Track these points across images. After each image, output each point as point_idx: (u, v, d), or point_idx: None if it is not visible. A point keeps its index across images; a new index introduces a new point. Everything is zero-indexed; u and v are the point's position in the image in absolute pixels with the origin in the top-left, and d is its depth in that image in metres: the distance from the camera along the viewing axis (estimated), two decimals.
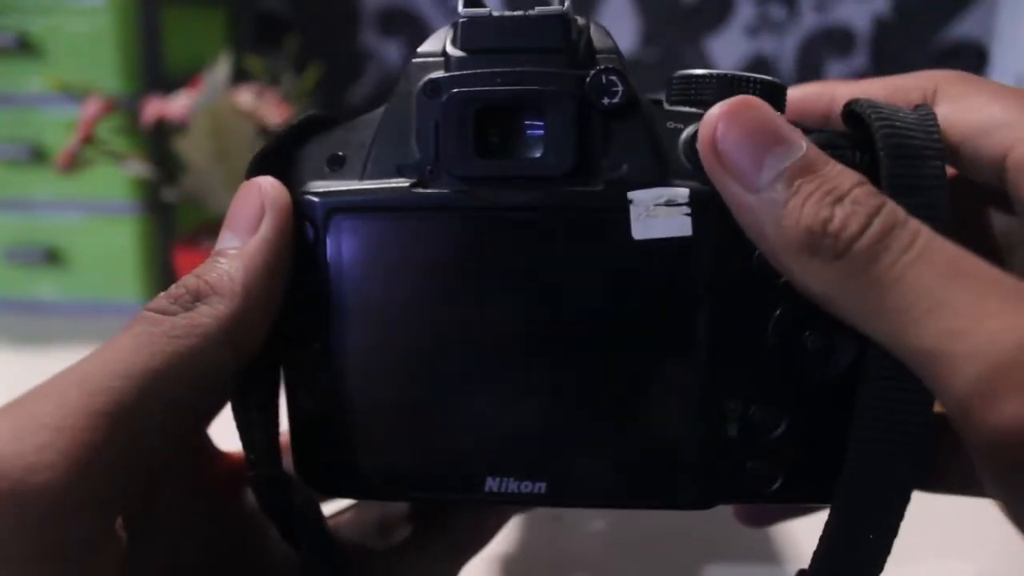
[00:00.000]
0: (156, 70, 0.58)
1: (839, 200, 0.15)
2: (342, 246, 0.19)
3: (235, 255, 0.18)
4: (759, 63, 0.76)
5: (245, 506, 0.21)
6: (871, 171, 0.17)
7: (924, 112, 0.19)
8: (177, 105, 0.49)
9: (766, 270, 0.18)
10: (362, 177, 0.20)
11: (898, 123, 0.18)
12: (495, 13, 0.19)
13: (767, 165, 0.16)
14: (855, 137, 0.19)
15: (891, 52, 0.75)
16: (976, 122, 0.18)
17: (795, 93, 0.21)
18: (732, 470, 0.20)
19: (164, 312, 0.17)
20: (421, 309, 0.19)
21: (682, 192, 0.18)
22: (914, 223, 0.15)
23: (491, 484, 0.20)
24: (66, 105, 0.55)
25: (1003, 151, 0.18)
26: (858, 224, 0.15)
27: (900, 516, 0.17)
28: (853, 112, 0.19)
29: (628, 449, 0.20)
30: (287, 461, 0.20)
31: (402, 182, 0.19)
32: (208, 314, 0.17)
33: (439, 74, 0.19)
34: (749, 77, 0.19)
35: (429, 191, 0.19)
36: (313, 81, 0.55)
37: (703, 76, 0.20)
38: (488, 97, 0.19)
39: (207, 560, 0.20)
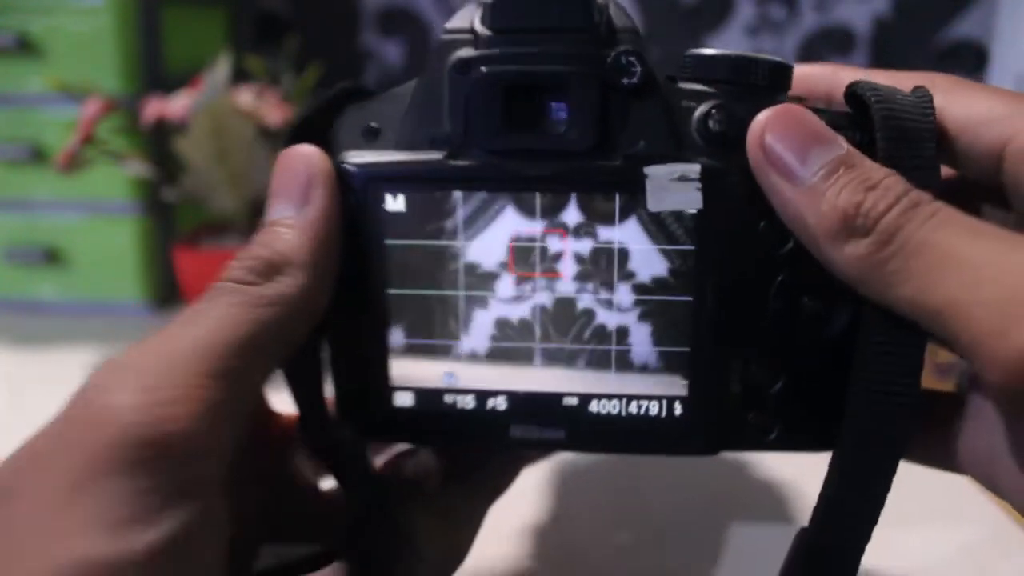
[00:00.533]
0: (156, 70, 0.58)
1: (872, 188, 0.17)
2: (384, 212, 0.21)
3: (298, 226, 0.20)
4: None
5: (295, 462, 0.24)
6: (870, 150, 0.19)
7: (921, 94, 0.20)
8: (177, 105, 0.49)
9: (770, 241, 0.20)
10: (397, 148, 0.21)
11: (895, 105, 0.19)
12: None
13: (810, 160, 0.18)
14: (856, 118, 0.20)
15: (891, 52, 0.75)
16: (974, 114, 0.19)
17: (802, 71, 0.23)
18: (735, 421, 0.22)
19: (244, 282, 0.19)
20: (454, 272, 0.21)
21: (694, 168, 0.20)
22: (938, 203, 0.17)
23: (515, 431, 0.22)
24: (66, 105, 0.55)
25: (1002, 141, 0.19)
26: (886, 203, 0.17)
27: (894, 465, 0.18)
28: (854, 93, 0.20)
29: (640, 401, 0.22)
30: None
31: (435, 154, 0.21)
32: (290, 285, 0.19)
33: (469, 52, 0.20)
34: (757, 58, 0.21)
35: (461, 163, 0.21)
36: (313, 81, 0.55)
37: (714, 56, 0.21)
38: (516, 76, 0.20)
39: (263, 512, 0.22)
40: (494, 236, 0.21)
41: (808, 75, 0.23)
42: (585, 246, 0.21)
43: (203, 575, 0.17)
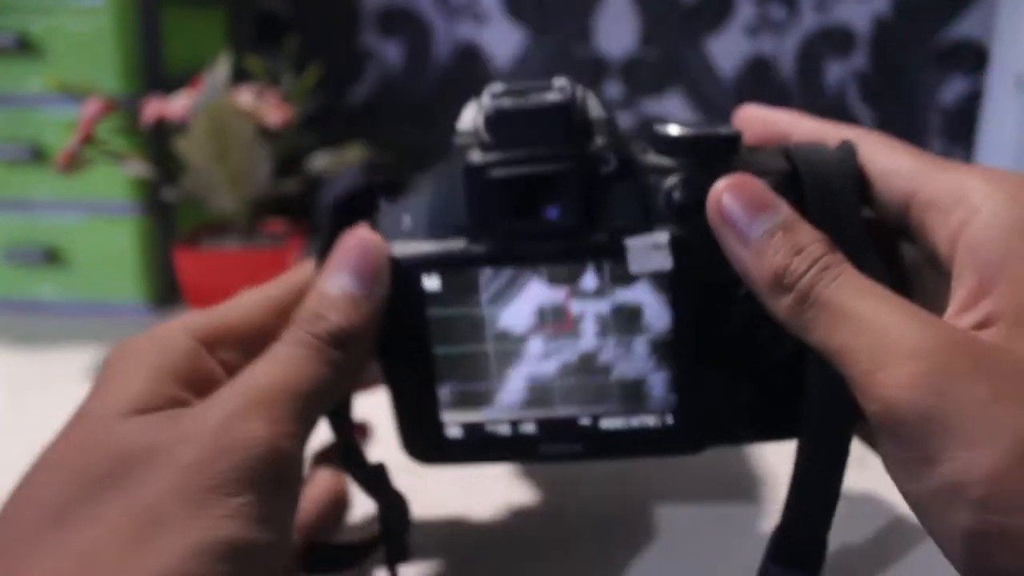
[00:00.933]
0: (156, 70, 0.58)
1: (798, 252, 0.22)
2: (423, 291, 0.26)
3: (367, 310, 0.25)
4: (759, 63, 0.76)
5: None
6: (804, 203, 0.23)
7: (846, 148, 0.25)
8: (177, 105, 0.49)
9: (727, 285, 0.24)
10: (428, 236, 0.26)
11: (823, 167, 0.24)
12: (513, 104, 0.25)
13: (756, 224, 0.22)
14: (793, 177, 0.25)
15: (891, 52, 0.75)
16: (889, 168, 0.24)
17: (762, 114, 0.28)
18: (715, 424, 0.27)
19: (321, 341, 0.24)
20: (491, 335, 0.27)
21: (664, 237, 0.25)
22: (844, 265, 0.21)
23: (543, 448, 0.28)
24: (66, 105, 0.55)
25: (909, 193, 0.23)
26: (806, 266, 0.21)
27: (847, 446, 0.23)
28: (791, 157, 0.25)
29: (637, 418, 0.27)
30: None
31: (459, 241, 0.26)
32: (354, 356, 0.25)
33: (478, 157, 0.25)
34: (710, 135, 0.25)
35: (480, 248, 0.26)
36: (313, 81, 0.55)
37: (676, 137, 0.26)
38: (517, 177, 0.25)
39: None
40: (523, 304, 0.26)
41: (766, 118, 0.28)
42: (604, 307, 0.26)
43: (286, 562, 0.22)
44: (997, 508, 0.17)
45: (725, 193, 0.23)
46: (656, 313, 0.26)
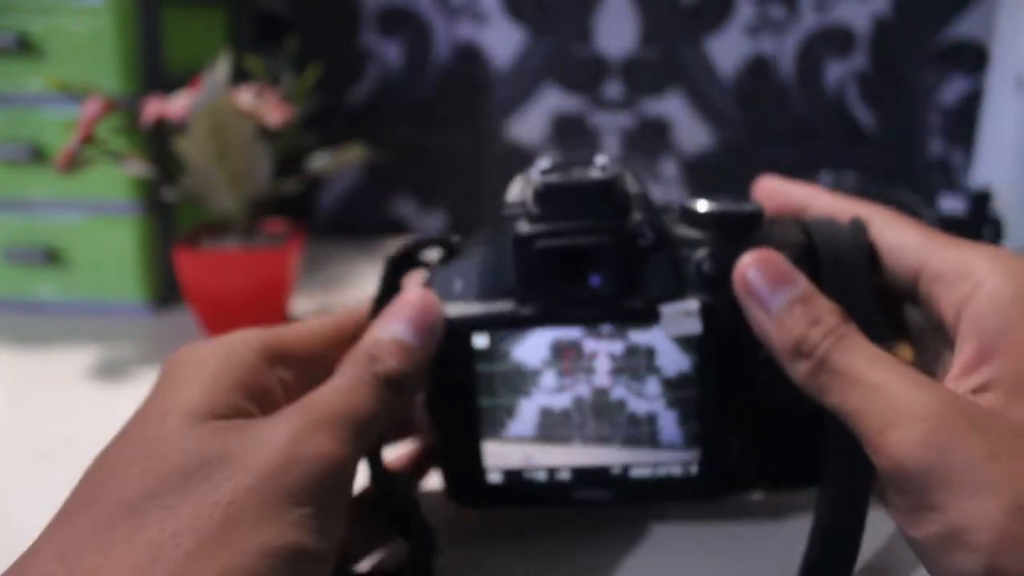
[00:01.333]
0: (156, 70, 0.58)
1: (815, 323, 0.24)
2: (472, 348, 0.29)
3: (420, 359, 0.27)
4: (759, 63, 0.76)
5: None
6: (819, 274, 0.26)
7: (857, 227, 0.27)
8: (177, 105, 0.49)
9: (751, 349, 0.27)
10: (478, 298, 0.29)
11: (836, 243, 0.27)
12: (560, 180, 0.28)
13: (777, 297, 0.24)
14: (810, 250, 0.27)
15: (891, 52, 0.75)
16: (899, 243, 0.26)
17: (783, 187, 0.31)
18: (736, 475, 0.30)
19: (375, 377, 0.26)
20: (529, 385, 0.29)
21: (694, 305, 0.28)
22: (856, 335, 0.23)
23: (577, 494, 0.30)
24: (66, 105, 0.55)
25: (918, 266, 0.25)
26: (820, 337, 0.23)
27: (867, 496, 0.24)
28: (808, 231, 0.28)
29: (667, 467, 0.29)
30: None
31: (506, 303, 0.28)
32: (404, 398, 0.27)
33: (526, 228, 0.28)
34: (736, 212, 0.28)
35: (527, 311, 0.28)
36: (313, 81, 0.55)
37: (705, 212, 0.28)
38: (563, 248, 0.28)
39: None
40: (538, 340, 0.28)
41: (784, 191, 0.30)
42: (618, 347, 0.28)
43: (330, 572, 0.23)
44: (999, 554, 0.19)
45: (750, 268, 0.25)
46: (669, 356, 0.28)
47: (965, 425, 0.20)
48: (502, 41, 0.78)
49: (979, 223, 0.55)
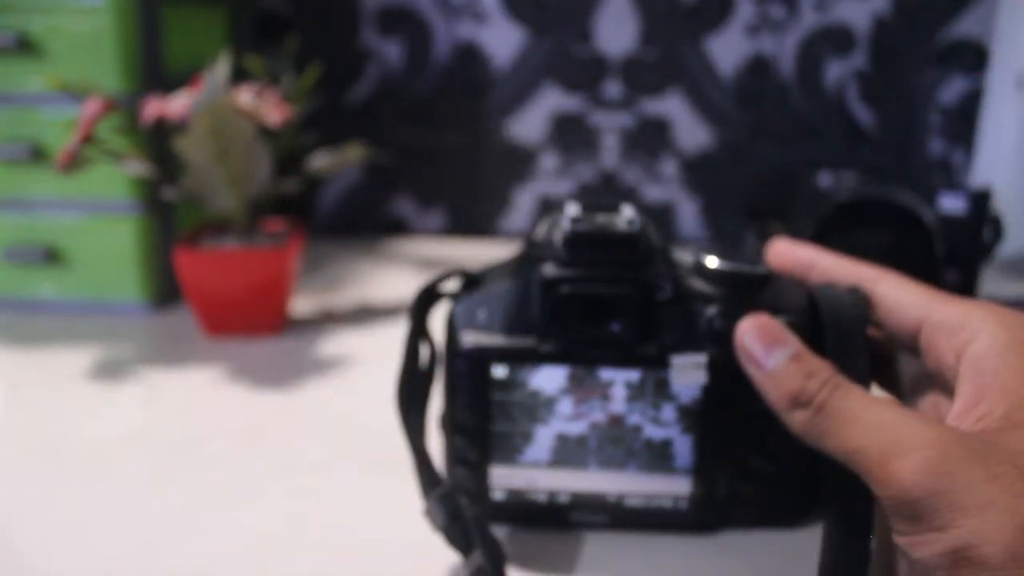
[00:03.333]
0: (156, 70, 0.58)
1: (810, 376, 0.26)
2: (491, 377, 0.30)
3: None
4: (759, 62, 0.76)
5: None
6: (822, 340, 0.28)
7: (857, 296, 0.29)
8: (177, 105, 0.49)
9: (751, 400, 0.27)
10: (501, 330, 0.30)
11: (838, 312, 0.28)
12: (588, 229, 0.30)
13: (772, 356, 0.27)
14: (813, 316, 0.29)
15: (891, 52, 0.75)
16: (902, 301, 0.28)
17: (789, 249, 0.33)
18: (725, 510, 0.32)
19: None
20: (546, 412, 0.31)
21: (702, 358, 0.30)
22: (850, 383, 0.25)
23: (574, 516, 0.32)
24: (66, 105, 0.55)
25: (920, 320, 0.27)
26: (817, 386, 0.25)
27: (870, 528, 0.25)
28: (813, 297, 0.30)
29: (658, 500, 0.32)
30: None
31: (528, 339, 0.30)
32: None
33: (553, 271, 0.30)
34: (745, 273, 0.30)
35: (547, 347, 0.30)
36: (313, 81, 0.55)
37: (716, 271, 0.31)
38: (587, 295, 0.30)
39: None
40: (555, 371, 0.30)
41: (793, 252, 0.33)
42: (634, 375, 0.30)
43: None
44: (1007, 568, 0.20)
45: (746, 334, 0.27)
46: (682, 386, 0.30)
47: (965, 451, 0.22)
48: (502, 41, 0.78)
49: (979, 222, 0.55)
